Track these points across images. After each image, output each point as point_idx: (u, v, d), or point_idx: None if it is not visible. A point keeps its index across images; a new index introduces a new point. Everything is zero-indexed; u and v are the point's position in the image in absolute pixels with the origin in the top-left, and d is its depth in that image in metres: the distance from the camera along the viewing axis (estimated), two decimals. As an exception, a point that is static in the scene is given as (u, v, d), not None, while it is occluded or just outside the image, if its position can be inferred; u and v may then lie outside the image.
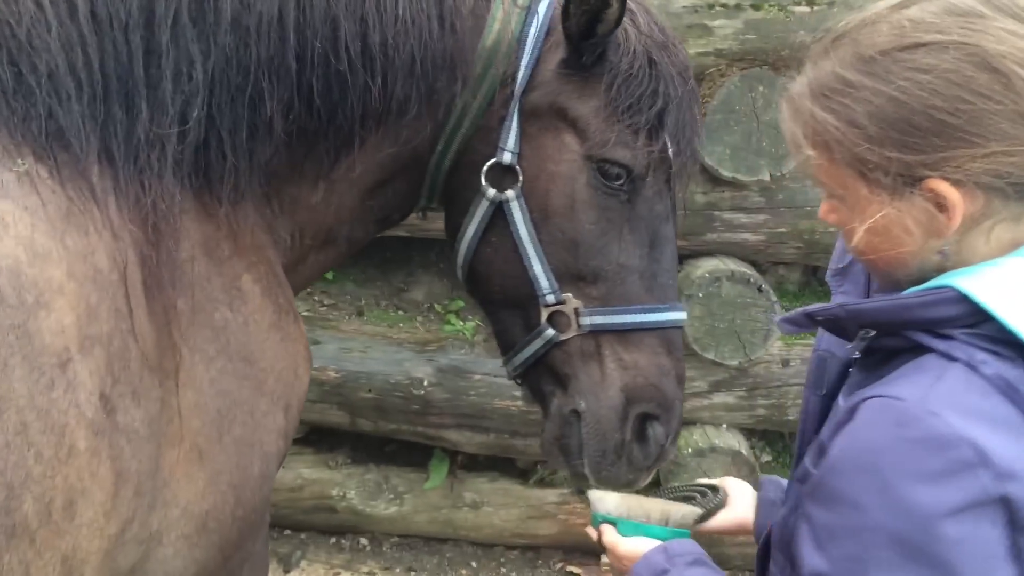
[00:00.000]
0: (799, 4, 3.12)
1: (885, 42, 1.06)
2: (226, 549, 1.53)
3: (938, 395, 1.01)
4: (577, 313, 1.84)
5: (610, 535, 1.59)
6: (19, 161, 1.25)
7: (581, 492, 3.59)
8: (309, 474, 3.57)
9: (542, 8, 1.87)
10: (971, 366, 1.03)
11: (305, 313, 3.64)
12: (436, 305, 3.71)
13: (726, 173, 3.16)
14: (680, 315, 1.88)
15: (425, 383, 3.29)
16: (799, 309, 1.23)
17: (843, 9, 3.01)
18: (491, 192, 1.86)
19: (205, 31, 1.49)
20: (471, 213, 1.90)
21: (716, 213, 3.32)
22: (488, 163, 1.86)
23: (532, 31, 1.85)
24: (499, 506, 3.55)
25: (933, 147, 1.03)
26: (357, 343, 3.42)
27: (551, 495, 3.56)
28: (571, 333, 1.85)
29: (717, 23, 3.14)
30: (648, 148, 1.83)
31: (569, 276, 1.86)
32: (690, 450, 3.37)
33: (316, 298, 3.73)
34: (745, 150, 3.11)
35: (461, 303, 3.68)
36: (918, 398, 1.01)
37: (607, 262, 1.86)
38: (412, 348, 3.40)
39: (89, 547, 1.24)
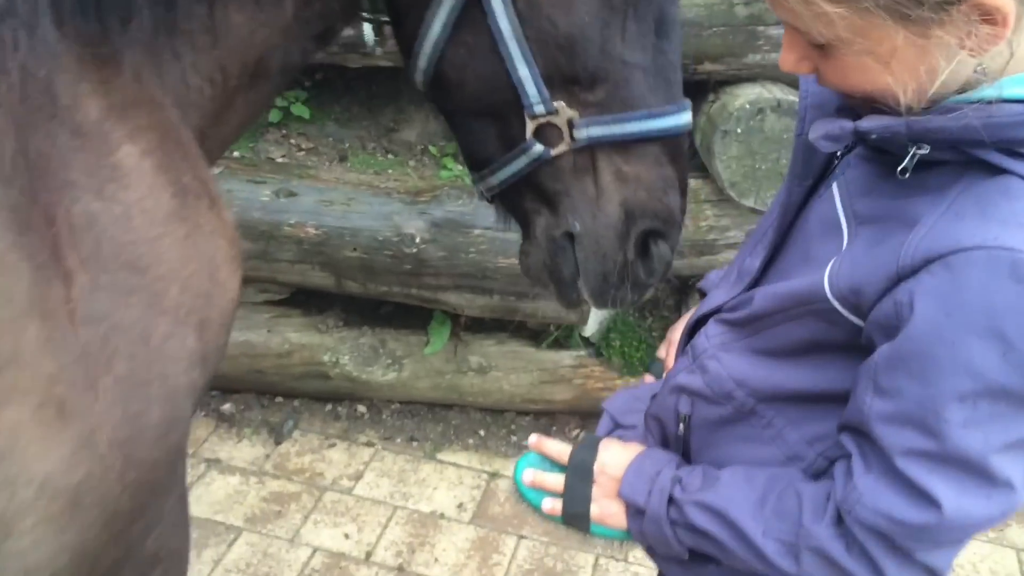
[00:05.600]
0: None
1: None
2: (116, 523, 1.16)
3: None
4: (571, 125, 1.51)
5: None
6: None
7: (600, 354, 3.24)
8: (297, 338, 3.23)
9: None
10: None
11: (280, 159, 3.19)
12: (431, 147, 3.24)
13: (774, -22, 2.59)
14: (688, 117, 1.56)
15: (417, 240, 2.86)
16: (842, 122, 1.08)
17: None
18: None
19: None
20: (436, 4, 1.48)
21: (760, 29, 2.76)
22: None
23: None
24: (508, 370, 3.21)
25: None
26: (339, 194, 2.97)
27: (566, 358, 3.21)
28: (563, 148, 1.52)
29: None
30: None
31: (561, 80, 1.50)
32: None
33: (293, 141, 3.27)
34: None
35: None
36: None
37: (609, 61, 1.50)
38: (401, 199, 2.95)
39: None
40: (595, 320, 3.24)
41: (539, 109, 1.48)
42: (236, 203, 2.94)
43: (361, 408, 3.32)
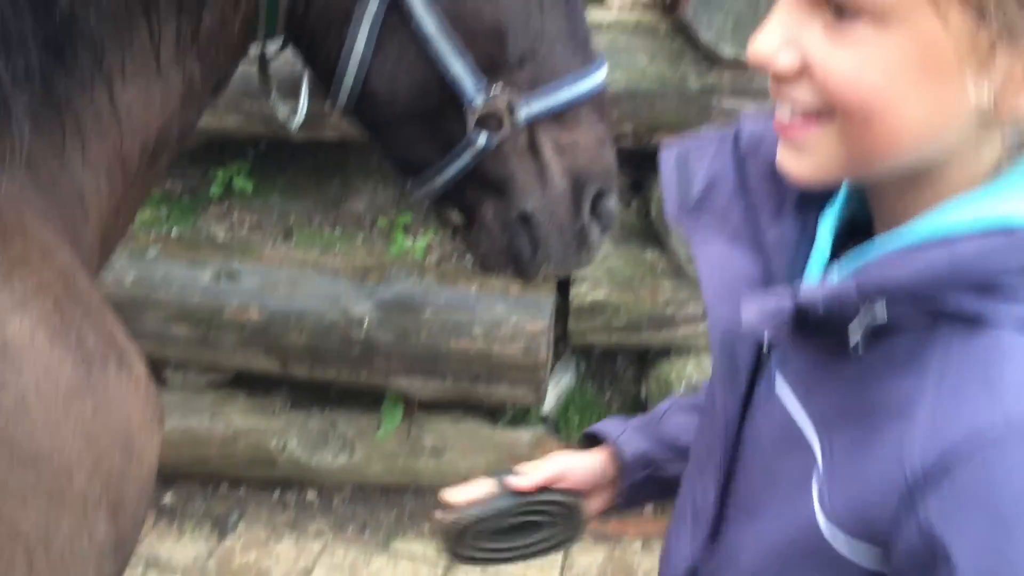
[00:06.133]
0: None
1: None
2: None
3: None
4: (510, 108, 1.53)
5: None
6: None
7: (558, 431, 3.13)
8: (242, 423, 3.07)
9: None
10: None
11: (223, 236, 3.05)
12: (380, 219, 3.12)
13: (728, 51, 2.53)
14: (605, 68, 1.62)
15: (365, 325, 2.74)
16: (778, 294, 0.81)
17: None
18: None
19: None
20: (356, 22, 1.44)
21: (714, 100, 2.70)
22: None
23: None
24: (465, 451, 3.08)
25: None
26: (283, 274, 2.84)
27: (524, 435, 3.08)
28: (506, 132, 1.54)
29: None
30: None
31: (493, 66, 1.53)
32: (683, 383, 2.89)
33: (236, 216, 3.13)
34: (752, 22, 2.46)
35: (410, 217, 3.09)
36: None
37: (535, 37, 1.53)
38: (349, 279, 2.83)
39: None
40: (553, 395, 3.13)
41: (479, 101, 1.48)
42: (174, 287, 2.79)
43: (310, 495, 3.16)
